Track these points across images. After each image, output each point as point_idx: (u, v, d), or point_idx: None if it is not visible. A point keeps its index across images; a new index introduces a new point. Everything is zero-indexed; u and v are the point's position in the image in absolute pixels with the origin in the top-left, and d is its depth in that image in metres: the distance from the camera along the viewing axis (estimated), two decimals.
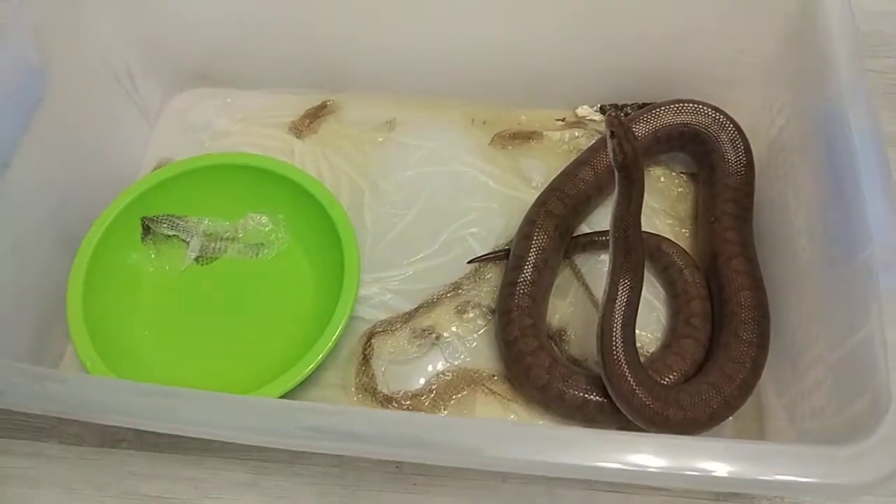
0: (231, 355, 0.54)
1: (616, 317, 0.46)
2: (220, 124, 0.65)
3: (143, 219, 0.57)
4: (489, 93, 0.64)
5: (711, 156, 0.55)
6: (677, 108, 0.56)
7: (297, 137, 0.64)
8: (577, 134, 0.62)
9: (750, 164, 0.54)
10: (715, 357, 0.48)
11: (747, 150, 0.54)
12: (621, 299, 0.46)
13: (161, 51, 0.64)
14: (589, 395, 0.47)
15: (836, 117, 0.45)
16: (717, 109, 0.55)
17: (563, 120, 0.63)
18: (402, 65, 0.63)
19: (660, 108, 0.56)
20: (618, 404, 0.46)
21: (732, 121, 0.55)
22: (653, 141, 0.56)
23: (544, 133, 0.63)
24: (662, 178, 0.60)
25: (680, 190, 0.60)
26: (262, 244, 0.59)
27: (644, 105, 0.62)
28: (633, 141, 0.44)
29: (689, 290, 0.52)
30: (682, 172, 0.60)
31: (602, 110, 0.63)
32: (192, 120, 0.66)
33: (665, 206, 0.59)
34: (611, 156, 0.45)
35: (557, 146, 0.62)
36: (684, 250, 0.54)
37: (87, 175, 0.58)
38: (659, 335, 0.53)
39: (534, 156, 0.62)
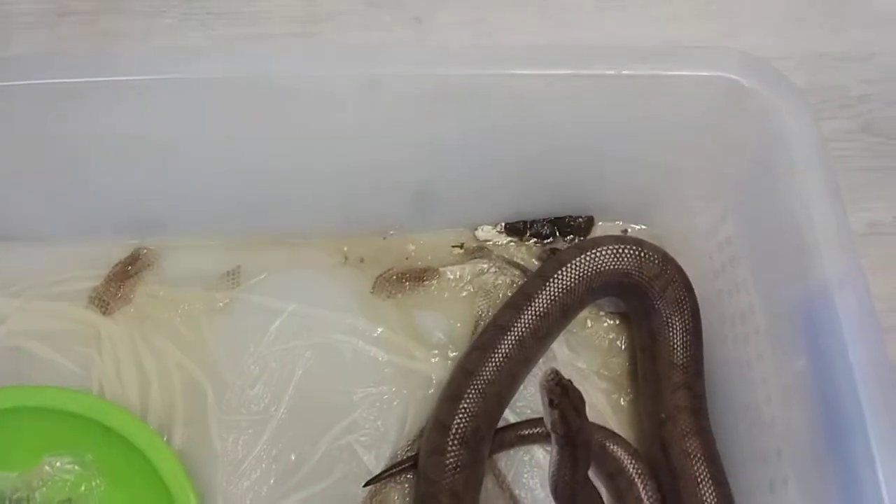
0: None
1: None
2: None
3: None
4: (363, 219, 0.52)
5: (652, 318, 0.46)
6: (617, 251, 0.46)
7: (104, 313, 0.49)
8: (481, 267, 0.51)
9: (697, 332, 0.46)
10: None
11: (695, 314, 0.46)
12: None
13: None
14: None
15: (818, 304, 0.37)
16: (664, 258, 0.46)
17: (461, 246, 0.52)
18: (238, 190, 0.49)
19: (596, 249, 0.47)
20: None
21: (682, 274, 0.46)
22: (586, 292, 0.47)
23: (440, 270, 0.51)
24: (589, 323, 0.50)
25: (611, 337, 0.50)
26: (69, 500, 0.44)
27: (556, 220, 0.52)
28: (580, 406, 0.36)
29: None
30: (612, 312, 0.51)
31: (508, 230, 0.52)
32: None
33: (596, 366, 0.49)
34: (548, 425, 0.37)
35: (459, 287, 0.50)
36: (635, 451, 0.45)
37: None
38: None
39: (431, 304, 0.50)
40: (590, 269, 0.47)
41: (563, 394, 0.36)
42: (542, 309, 0.46)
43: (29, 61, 0.43)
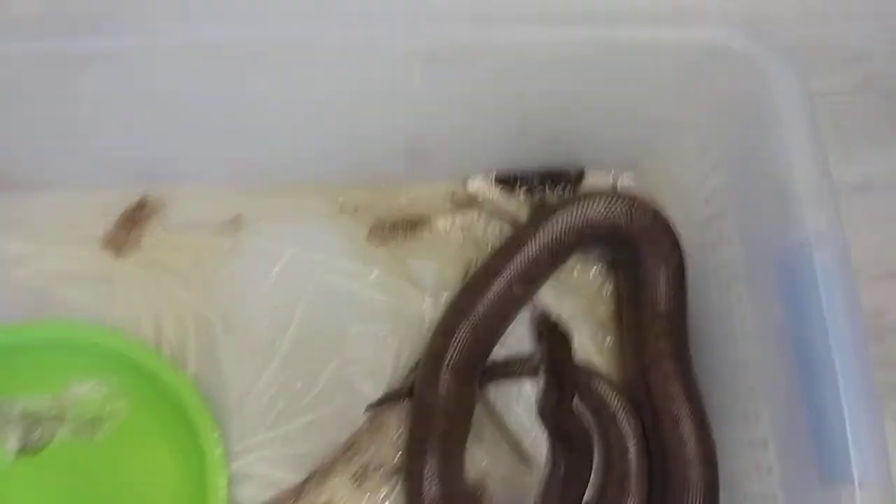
0: None
1: None
2: (11, 250, 0.54)
3: None
4: (358, 169, 0.57)
5: (639, 269, 0.51)
6: (609, 204, 0.51)
7: (116, 256, 0.55)
8: (472, 217, 0.56)
9: (682, 285, 0.51)
10: None
11: (680, 267, 0.51)
12: (562, 497, 0.44)
13: None
14: None
15: (797, 257, 0.42)
16: (655, 214, 0.51)
17: (452, 197, 0.57)
18: (240, 140, 0.54)
19: (589, 200, 0.51)
20: None
21: (670, 230, 0.51)
22: (576, 241, 0.52)
23: (432, 219, 0.56)
24: (576, 271, 0.56)
25: (598, 283, 0.56)
26: (97, 419, 0.51)
27: (547, 172, 0.57)
28: (567, 342, 0.42)
29: (622, 443, 0.49)
30: (599, 260, 0.56)
31: (499, 182, 0.57)
32: None
33: (582, 310, 0.55)
34: (538, 356, 0.42)
35: (450, 236, 0.56)
36: (619, 389, 0.51)
37: None
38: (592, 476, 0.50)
39: (423, 252, 0.56)
40: (581, 219, 0.51)
41: (552, 329, 0.42)
42: (532, 254, 0.51)
43: (44, 23, 0.46)
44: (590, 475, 0.45)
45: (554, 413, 0.44)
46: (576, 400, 0.49)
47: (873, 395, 0.39)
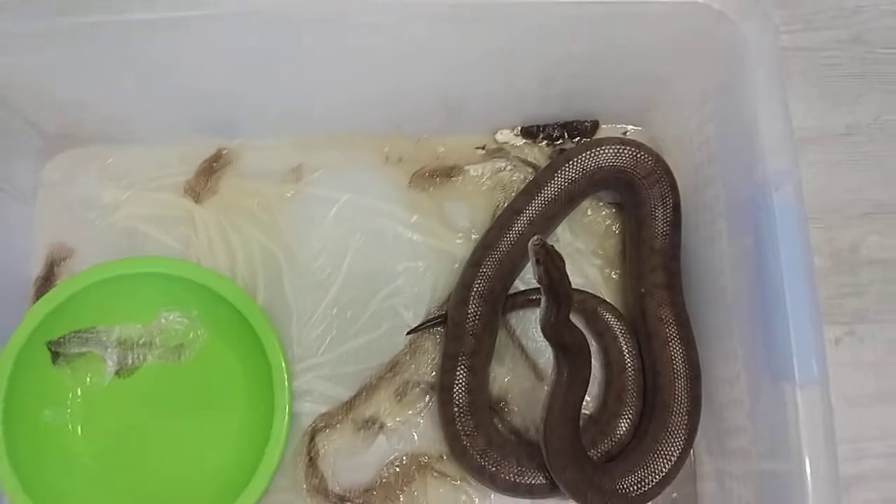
0: (173, 476, 0.58)
1: (560, 414, 0.51)
2: (107, 196, 0.64)
3: (49, 344, 0.58)
4: (400, 123, 0.64)
5: (641, 209, 0.56)
6: (617, 151, 0.57)
7: (196, 201, 0.64)
8: (500, 166, 0.63)
9: (677, 224, 0.56)
10: (643, 444, 0.53)
11: (676, 208, 0.56)
12: (565, 398, 0.51)
13: (6, 114, 0.60)
14: (520, 478, 0.54)
15: (760, 198, 0.48)
16: (657, 159, 0.56)
17: (483, 148, 0.64)
18: (298, 100, 0.62)
19: (599, 147, 0.57)
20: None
21: (669, 174, 0.56)
22: (588, 183, 0.58)
23: (465, 167, 0.63)
24: (589, 212, 0.62)
25: (607, 223, 0.62)
26: (181, 345, 0.60)
27: (566, 124, 0.63)
28: (560, 263, 0.47)
29: (622, 361, 0.56)
30: (609, 203, 0.62)
31: (523, 133, 0.63)
32: (74, 194, 0.64)
33: (593, 246, 0.61)
34: (536, 279, 0.48)
35: (481, 182, 0.63)
36: (621, 315, 0.58)
37: None
38: (595, 391, 0.59)
39: (457, 197, 0.63)
40: (592, 164, 0.57)
41: (546, 253, 0.47)
42: (550, 195, 0.57)
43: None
44: (588, 377, 0.51)
45: (553, 326, 0.49)
46: (580, 319, 0.55)
47: (817, 309, 0.45)
